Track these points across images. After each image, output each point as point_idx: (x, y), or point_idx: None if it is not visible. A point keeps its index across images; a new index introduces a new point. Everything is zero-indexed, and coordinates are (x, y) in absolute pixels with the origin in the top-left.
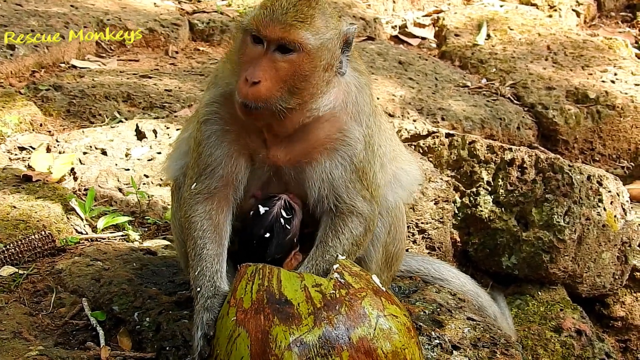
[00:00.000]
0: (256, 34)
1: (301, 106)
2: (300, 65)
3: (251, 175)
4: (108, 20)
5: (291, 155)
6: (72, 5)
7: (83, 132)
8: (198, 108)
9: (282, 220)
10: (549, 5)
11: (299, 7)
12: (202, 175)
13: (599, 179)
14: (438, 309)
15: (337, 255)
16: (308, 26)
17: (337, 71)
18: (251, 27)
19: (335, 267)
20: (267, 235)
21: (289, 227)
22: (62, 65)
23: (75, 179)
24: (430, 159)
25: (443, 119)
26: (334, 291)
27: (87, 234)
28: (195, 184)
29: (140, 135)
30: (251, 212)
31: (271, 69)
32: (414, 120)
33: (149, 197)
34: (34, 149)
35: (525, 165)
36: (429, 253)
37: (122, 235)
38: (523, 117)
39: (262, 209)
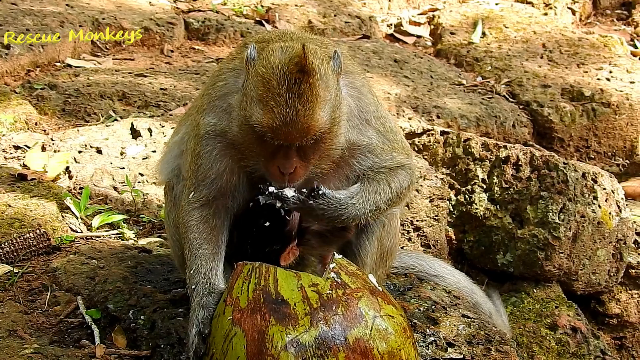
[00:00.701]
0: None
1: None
2: (324, 141)
3: (251, 186)
4: (103, 19)
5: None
6: (67, 5)
7: (78, 130)
8: (195, 125)
9: (282, 211)
10: (544, 3)
11: (304, 96)
12: (200, 185)
13: (593, 177)
14: (433, 306)
15: (334, 254)
16: (318, 109)
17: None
18: (266, 135)
19: (331, 266)
20: (267, 224)
21: (288, 219)
22: (58, 64)
23: (70, 177)
24: (426, 157)
25: (438, 117)
26: (330, 291)
27: (82, 232)
28: (193, 193)
29: (135, 133)
30: (251, 204)
31: (299, 155)
32: (409, 119)
33: (143, 195)
34: (29, 147)
35: (520, 163)
36: (424, 251)
37: (117, 234)
38: (518, 115)
39: (262, 199)
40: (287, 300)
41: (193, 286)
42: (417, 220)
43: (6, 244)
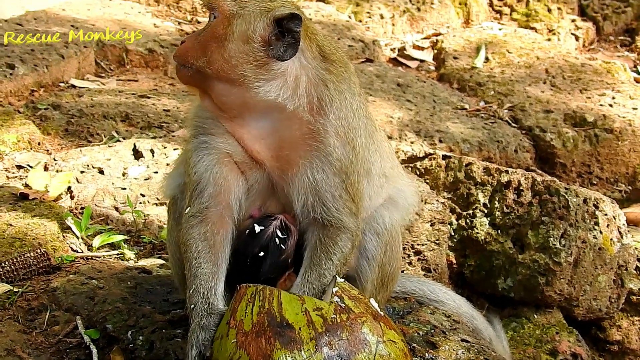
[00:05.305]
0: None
1: (221, 74)
2: (216, 27)
3: (247, 194)
4: (108, 40)
5: (270, 153)
6: (72, 25)
7: (81, 151)
8: (189, 118)
9: (277, 239)
10: (547, 28)
11: None
12: (192, 196)
13: (595, 202)
14: (432, 330)
15: (335, 277)
16: None
17: (272, 55)
18: None
19: (334, 290)
20: (262, 254)
21: (283, 247)
22: (62, 84)
23: (72, 197)
24: (427, 181)
25: (441, 141)
26: (334, 315)
27: (82, 252)
28: (189, 207)
29: (137, 154)
30: (247, 231)
31: (199, 32)
32: (412, 142)
33: (145, 216)
34: (31, 167)
35: (521, 188)
36: (424, 275)
37: (118, 254)
38: (521, 140)
39: (257, 228)
40: (292, 324)
41: (192, 306)
42: (417, 244)
43: (6, 263)
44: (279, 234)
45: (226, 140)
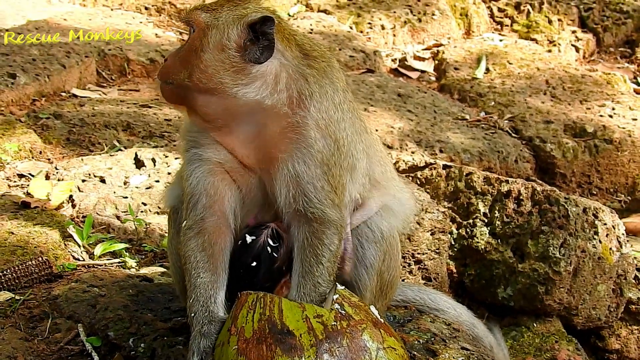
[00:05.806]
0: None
1: (199, 85)
2: (194, 41)
3: (242, 202)
4: (109, 50)
5: (257, 156)
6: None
7: (82, 160)
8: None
9: (269, 248)
10: (548, 40)
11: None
12: (188, 208)
13: (594, 212)
14: (432, 339)
15: (336, 285)
16: (209, 10)
17: (249, 59)
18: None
19: (335, 297)
20: (254, 264)
21: (276, 256)
22: (63, 94)
23: (73, 206)
24: (428, 190)
25: (441, 151)
26: (335, 322)
27: (84, 260)
28: (185, 221)
29: (139, 163)
30: (239, 241)
31: (179, 48)
32: (413, 152)
33: (146, 224)
34: (33, 176)
35: (521, 197)
36: (425, 284)
37: (119, 262)
38: (521, 150)
39: (248, 238)
40: (292, 331)
41: (192, 314)
42: (418, 253)
43: (8, 271)
44: (271, 242)
45: (216, 150)
